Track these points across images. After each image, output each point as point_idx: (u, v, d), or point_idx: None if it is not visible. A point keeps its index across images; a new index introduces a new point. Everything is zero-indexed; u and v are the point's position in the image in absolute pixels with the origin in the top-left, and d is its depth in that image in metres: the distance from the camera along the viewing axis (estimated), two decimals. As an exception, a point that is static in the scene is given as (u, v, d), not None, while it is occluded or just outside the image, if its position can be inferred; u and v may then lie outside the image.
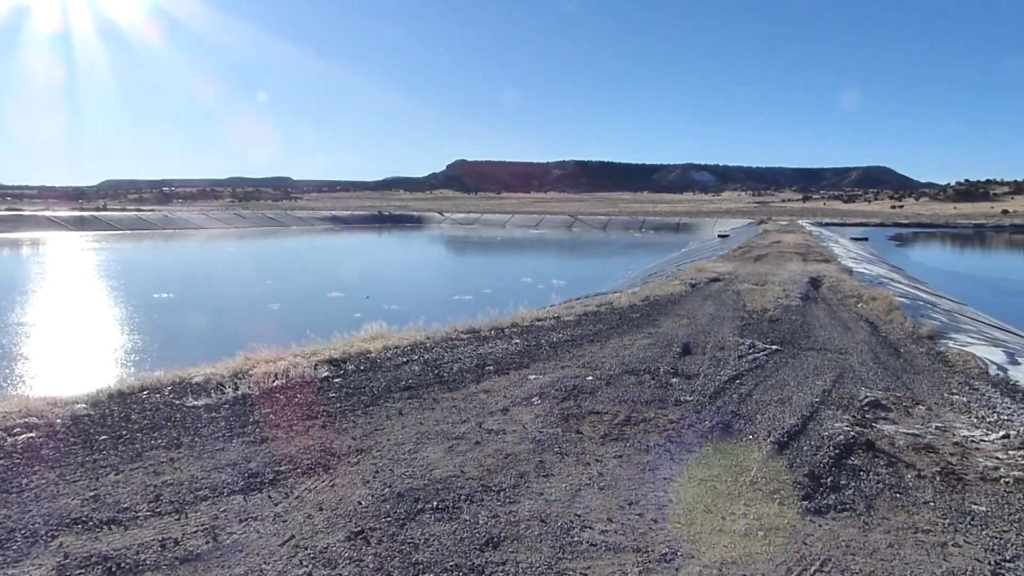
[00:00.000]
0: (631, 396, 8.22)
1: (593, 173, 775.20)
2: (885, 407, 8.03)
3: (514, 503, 5.27)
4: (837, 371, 9.70)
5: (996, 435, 6.98)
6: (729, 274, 23.74)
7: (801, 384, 8.94)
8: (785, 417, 7.44)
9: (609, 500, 5.36)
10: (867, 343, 11.86)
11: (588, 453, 6.37)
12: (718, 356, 10.46)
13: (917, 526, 5.05)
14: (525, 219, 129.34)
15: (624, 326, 13.06)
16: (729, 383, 8.89)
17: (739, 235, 67.62)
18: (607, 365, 9.76)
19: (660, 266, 39.25)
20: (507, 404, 7.85)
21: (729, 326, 13.17)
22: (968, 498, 5.55)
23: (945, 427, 7.33)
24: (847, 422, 7.32)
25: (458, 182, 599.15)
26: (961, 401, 8.47)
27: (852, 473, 6.03)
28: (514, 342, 11.36)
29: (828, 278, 22.99)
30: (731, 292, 18.64)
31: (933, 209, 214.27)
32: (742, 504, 5.35)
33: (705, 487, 5.66)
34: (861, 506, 5.39)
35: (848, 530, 4.98)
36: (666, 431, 6.99)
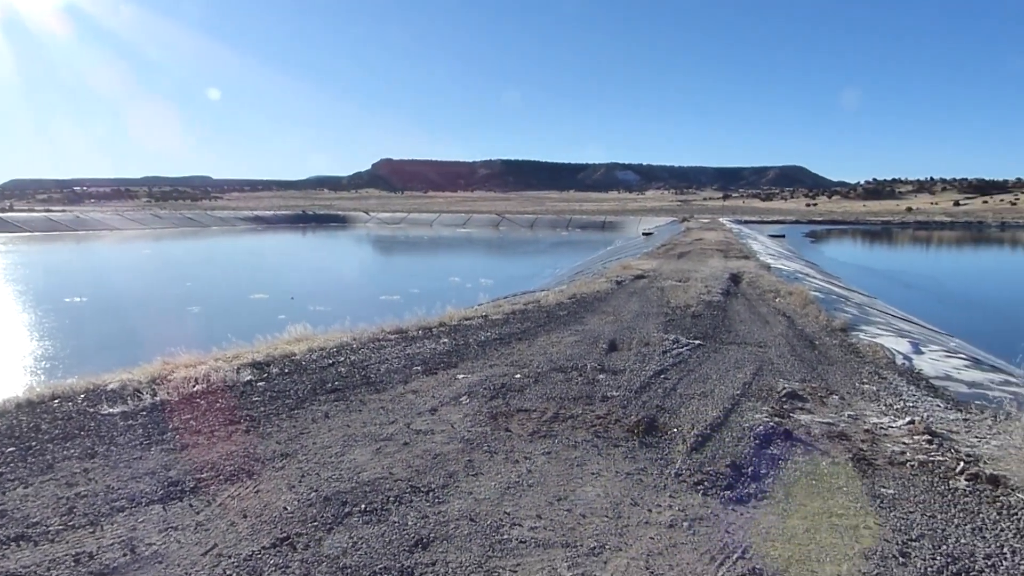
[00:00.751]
0: (559, 393, 8.28)
1: (520, 172, 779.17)
2: (802, 398, 8.32)
3: (443, 503, 5.25)
4: (757, 364, 10.00)
5: (902, 421, 7.31)
6: (653, 271, 24.19)
7: (723, 377, 9.18)
8: (708, 410, 7.62)
9: (538, 497, 5.39)
10: (784, 336, 12.27)
11: (517, 451, 6.39)
12: (643, 352, 10.65)
13: (832, 511, 5.25)
14: (452, 218, 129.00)
15: (552, 324, 13.16)
16: (654, 378, 9.05)
17: (663, 233, 69.00)
18: (535, 363, 9.81)
19: (587, 264, 39.71)
20: (435, 404, 7.81)
21: (654, 322, 13.42)
22: (878, 482, 5.80)
23: (857, 415, 7.64)
24: (766, 413, 7.55)
25: (384, 181, 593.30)
26: (871, 390, 8.84)
27: (771, 462, 6.22)
28: (442, 342, 11.31)
29: (748, 274, 23.67)
30: (655, 289, 18.99)
31: (845, 207, 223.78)
32: (667, 496, 5.46)
33: (632, 481, 5.75)
34: (780, 494, 5.57)
35: (768, 517, 5.13)
36: (593, 427, 7.08)
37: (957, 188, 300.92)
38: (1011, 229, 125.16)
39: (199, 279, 38.22)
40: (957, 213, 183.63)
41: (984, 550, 4.66)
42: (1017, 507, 5.30)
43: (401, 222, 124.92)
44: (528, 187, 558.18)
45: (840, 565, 4.43)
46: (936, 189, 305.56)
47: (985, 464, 6.06)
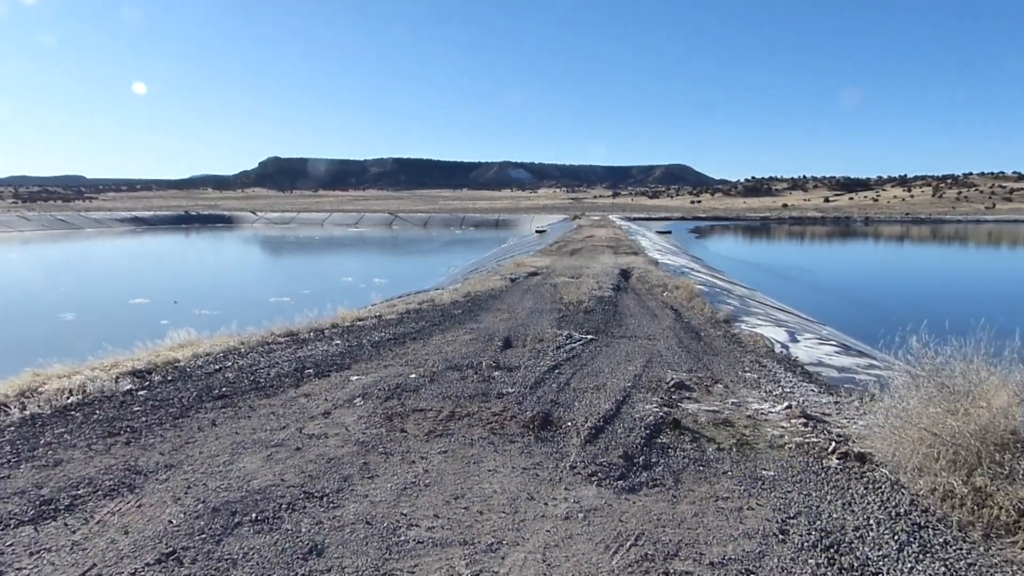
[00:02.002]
0: (455, 392, 8.29)
1: (413, 170, 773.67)
2: (689, 387, 8.65)
3: (338, 508, 5.16)
4: (647, 356, 10.32)
5: (781, 406, 7.72)
6: (547, 268, 24.54)
7: (615, 370, 9.42)
8: (601, 403, 7.80)
9: (435, 496, 5.38)
10: (672, 329, 12.70)
11: (413, 451, 6.36)
12: (537, 348, 10.79)
13: (718, 494, 5.49)
14: (344, 217, 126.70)
15: (447, 322, 13.14)
16: (548, 373, 9.19)
17: (555, 230, 70.08)
18: (430, 362, 9.78)
19: (481, 262, 39.85)
20: (329, 407, 7.66)
21: (547, 318, 13.62)
22: (759, 465, 6.11)
23: (740, 402, 8.01)
24: (656, 404, 7.80)
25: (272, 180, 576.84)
26: (752, 378, 9.29)
27: (661, 451, 6.44)
28: (335, 343, 11.10)
29: (637, 269, 24.37)
30: (549, 285, 19.28)
31: (726, 204, 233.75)
32: (563, 489, 5.56)
33: (528, 475, 5.83)
34: (670, 481, 5.78)
35: (659, 504, 5.32)
36: (489, 424, 7.12)
37: (827, 185, 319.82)
38: (874, 223, 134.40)
39: (73, 284, 35.97)
40: (827, 209, 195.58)
41: (853, 523, 4.99)
42: (881, 481, 5.70)
43: (291, 222, 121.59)
44: (421, 185, 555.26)
45: (726, 546, 4.63)
46: (809, 186, 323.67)
47: (854, 443, 6.47)
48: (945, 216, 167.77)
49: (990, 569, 4.39)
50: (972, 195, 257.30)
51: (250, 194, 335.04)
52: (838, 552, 4.57)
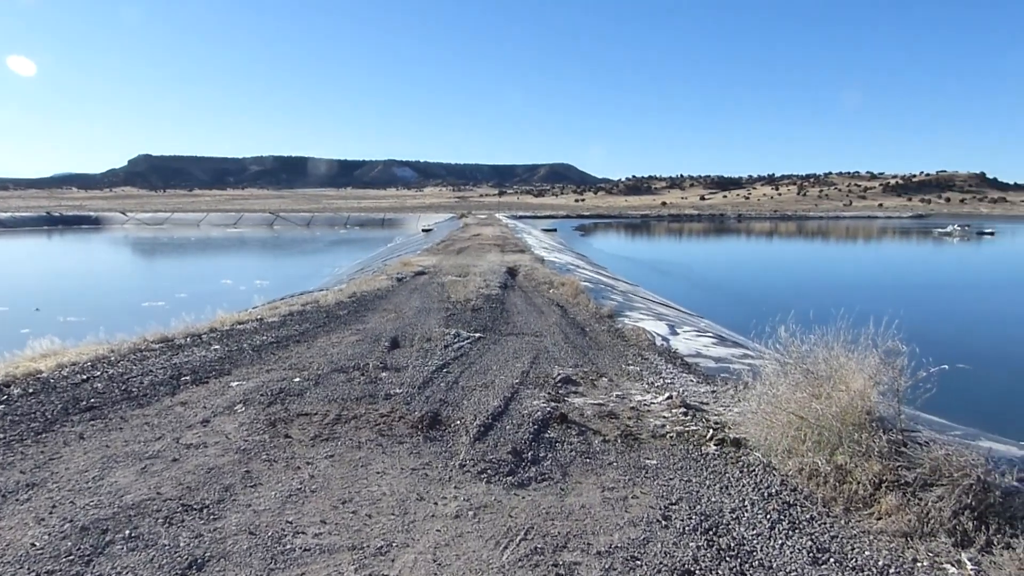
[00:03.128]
0: (341, 394, 8.14)
1: (295, 169, 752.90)
2: (575, 382, 8.83)
3: (219, 519, 4.96)
4: (534, 353, 10.46)
5: (662, 397, 8.01)
6: (434, 267, 24.47)
7: (503, 368, 9.50)
8: (489, 400, 7.85)
9: (322, 502, 5.27)
10: (559, 325, 12.93)
11: (298, 457, 6.19)
12: (425, 347, 10.74)
13: (604, 485, 5.64)
14: (222, 217, 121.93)
15: (332, 324, 12.88)
16: (437, 372, 9.17)
17: (442, 229, 69.93)
18: (315, 365, 9.56)
19: (367, 262, 39.26)
20: (208, 415, 7.35)
21: (435, 317, 13.58)
22: (643, 455, 6.31)
23: (624, 395, 8.25)
24: (543, 399, 7.93)
25: (143, 179, 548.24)
26: (635, 370, 9.59)
27: (549, 445, 6.55)
28: (213, 348, 10.67)
29: (524, 267, 24.67)
30: (436, 284, 19.22)
31: (609, 202, 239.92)
32: (453, 488, 5.56)
33: (417, 476, 5.79)
34: (558, 474, 5.88)
35: (548, 498, 5.40)
36: (377, 425, 7.03)
37: (703, 184, 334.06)
38: (746, 220, 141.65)
39: (-86, 293, 32.95)
40: (703, 207, 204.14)
41: (730, 505, 5.24)
42: (755, 464, 6.01)
43: (164, 223, 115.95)
44: (304, 184, 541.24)
45: (612, 535, 4.76)
46: (686, 185, 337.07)
47: (729, 430, 6.79)
48: (809, 213, 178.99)
49: (850, 540, 4.72)
50: (832, 193, 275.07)
51: (119, 193, 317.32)
52: (717, 534, 4.78)
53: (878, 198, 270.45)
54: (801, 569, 4.35)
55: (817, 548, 4.61)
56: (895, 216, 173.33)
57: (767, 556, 4.50)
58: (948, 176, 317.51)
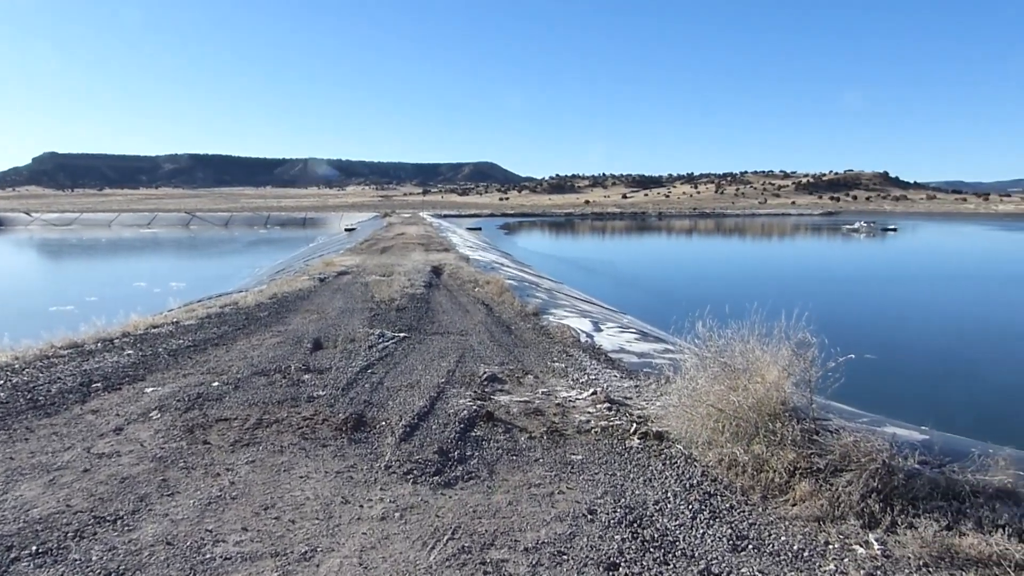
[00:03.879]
0: (262, 398, 7.95)
1: (211, 167, 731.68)
2: (501, 380, 8.86)
3: (134, 530, 4.78)
4: (459, 352, 10.44)
5: (587, 393, 8.12)
6: (357, 267, 24.16)
7: (428, 367, 9.46)
8: (415, 400, 7.80)
9: (243, 508, 5.14)
10: (484, 323, 12.95)
11: (218, 463, 6.02)
12: (349, 348, 10.60)
13: (531, 482, 5.68)
14: (134, 218, 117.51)
15: (252, 326, 12.57)
16: (361, 373, 9.06)
17: (365, 228, 69.12)
18: (235, 368, 9.31)
19: (288, 262, 38.45)
20: (121, 423, 7.07)
21: (359, 318, 13.41)
22: (568, 450, 6.39)
23: (549, 391, 8.33)
24: (469, 398, 7.93)
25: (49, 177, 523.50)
26: (561, 367, 9.68)
27: (476, 444, 6.55)
28: (126, 353, 10.26)
29: (448, 266, 24.60)
30: (359, 284, 18.98)
31: (533, 200, 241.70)
32: (378, 490, 5.50)
33: (342, 479, 5.71)
34: (484, 472, 5.89)
35: (475, 496, 5.40)
36: (300, 429, 6.90)
37: (624, 183, 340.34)
38: (667, 218, 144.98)
39: None
40: (625, 205, 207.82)
41: (653, 497, 5.35)
42: (676, 456, 6.16)
43: (72, 223, 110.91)
44: (221, 183, 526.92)
45: (539, 531, 4.80)
46: (608, 184, 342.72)
47: (652, 423, 6.94)
48: (726, 211, 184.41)
49: (767, 526, 4.88)
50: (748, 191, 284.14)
51: (23, 193, 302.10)
52: (641, 526, 4.88)
53: (791, 196, 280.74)
54: (721, 557, 4.48)
55: (737, 536, 4.76)
56: (807, 213, 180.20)
57: (689, 545, 4.62)
58: (855, 175, 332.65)
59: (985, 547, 4.39)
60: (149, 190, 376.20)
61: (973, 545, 4.42)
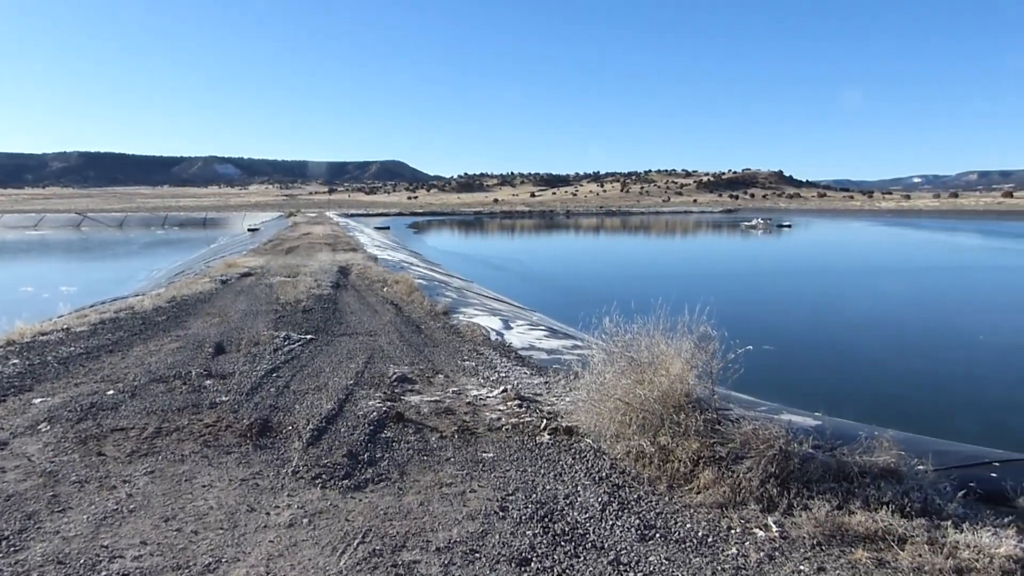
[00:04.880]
0: (161, 405, 7.63)
1: (103, 165, 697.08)
2: (411, 380, 8.80)
3: (21, 551, 4.51)
4: (368, 353, 10.31)
5: (498, 391, 8.16)
6: (261, 268, 23.51)
7: (336, 369, 9.30)
8: (323, 403, 7.66)
9: (142, 521, 4.92)
10: (393, 323, 12.83)
11: (114, 475, 5.75)
12: (253, 352, 10.31)
13: (442, 481, 5.66)
14: (20, 219, 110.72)
15: (149, 331, 12.05)
16: (266, 377, 8.82)
17: (269, 228, 67.38)
18: (131, 376, 8.91)
19: (188, 264, 37.03)
20: (6, 437, 6.65)
21: (263, 320, 13.06)
22: (480, 448, 6.40)
23: (460, 390, 8.32)
24: (379, 399, 7.84)
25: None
26: (471, 366, 9.69)
27: (386, 445, 6.49)
28: (12, 363, 9.65)
29: (356, 266, 24.25)
30: (264, 286, 18.49)
31: (442, 199, 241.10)
32: (286, 496, 5.38)
33: (247, 486, 5.55)
34: (395, 474, 5.84)
35: (385, 498, 5.35)
36: (202, 436, 6.66)
37: (532, 182, 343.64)
38: (575, 216, 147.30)
39: None
40: (534, 203, 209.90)
41: (564, 491, 5.43)
42: (586, 451, 6.27)
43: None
44: (115, 182, 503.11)
45: (451, 530, 4.79)
46: (517, 183, 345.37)
47: (562, 419, 7.04)
48: (632, 208, 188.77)
49: (673, 515, 5.03)
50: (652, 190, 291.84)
51: None
52: (552, 520, 4.94)
53: (693, 194, 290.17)
54: (630, 547, 4.59)
55: (644, 525, 4.88)
56: (708, 211, 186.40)
57: (599, 537, 4.71)
58: (752, 174, 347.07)
59: (872, 524, 4.66)
60: (36, 189, 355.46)
61: (861, 522, 4.68)
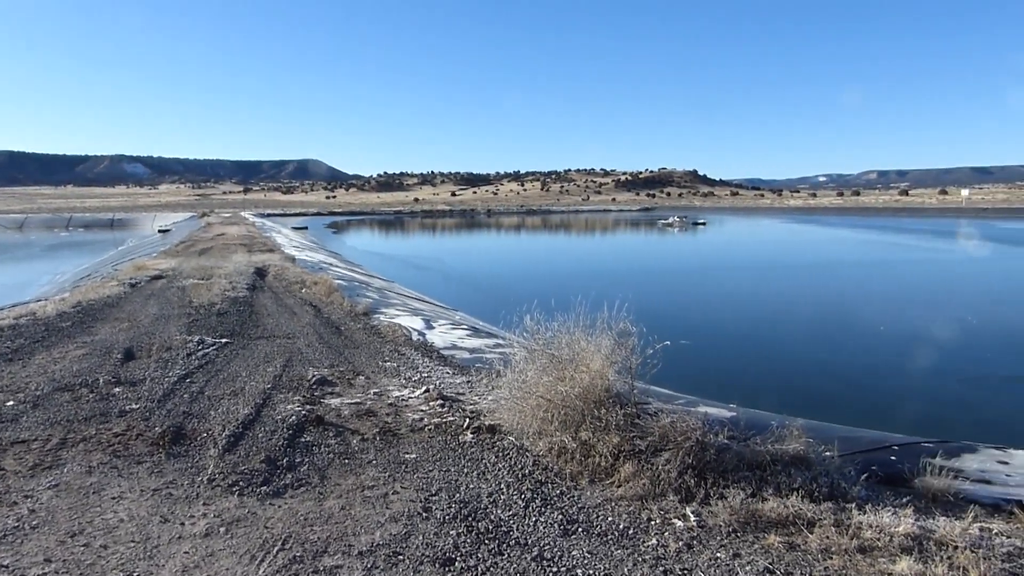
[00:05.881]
0: (66, 415, 7.29)
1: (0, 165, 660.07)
2: (331, 383, 8.66)
3: (-89, 574, 4.24)
4: (287, 356, 10.10)
5: (420, 391, 8.11)
6: (173, 270, 22.73)
7: (253, 373, 9.07)
8: (239, 408, 7.46)
9: (46, 538, 4.69)
10: (312, 325, 12.59)
11: (14, 490, 5.46)
12: (165, 357, 9.95)
13: (364, 484, 5.59)
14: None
15: (53, 338, 11.47)
16: (179, 383, 8.53)
17: (181, 229, 65.18)
18: (33, 385, 8.47)
19: (95, 267, 35.42)
20: None
21: (176, 324, 12.62)
22: (402, 450, 6.36)
23: (381, 392, 8.24)
24: (298, 403, 7.68)
25: None
26: (393, 367, 9.60)
27: (306, 450, 6.37)
28: (-103, 375, 9.06)
29: (273, 267, 23.71)
30: (176, 289, 17.87)
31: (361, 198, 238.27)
32: (201, 505, 5.22)
33: (160, 497, 5.36)
34: (316, 478, 5.74)
35: (306, 504, 5.25)
36: (111, 446, 6.40)
37: (453, 181, 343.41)
38: (496, 215, 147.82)
39: None
40: (455, 202, 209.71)
41: (487, 490, 5.44)
42: (509, 448, 6.30)
43: None
44: (13, 182, 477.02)
45: (374, 533, 4.74)
46: (437, 182, 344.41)
47: (485, 417, 7.05)
48: (552, 207, 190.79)
49: (595, 509, 5.11)
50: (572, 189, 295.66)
51: None
52: (476, 519, 4.94)
53: (612, 193, 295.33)
54: (553, 542, 4.64)
55: (567, 520, 4.94)
56: (626, 209, 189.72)
57: (523, 534, 4.74)
58: (668, 173, 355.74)
59: (783, 509, 4.84)
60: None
61: (773, 508, 4.86)
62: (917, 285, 32.94)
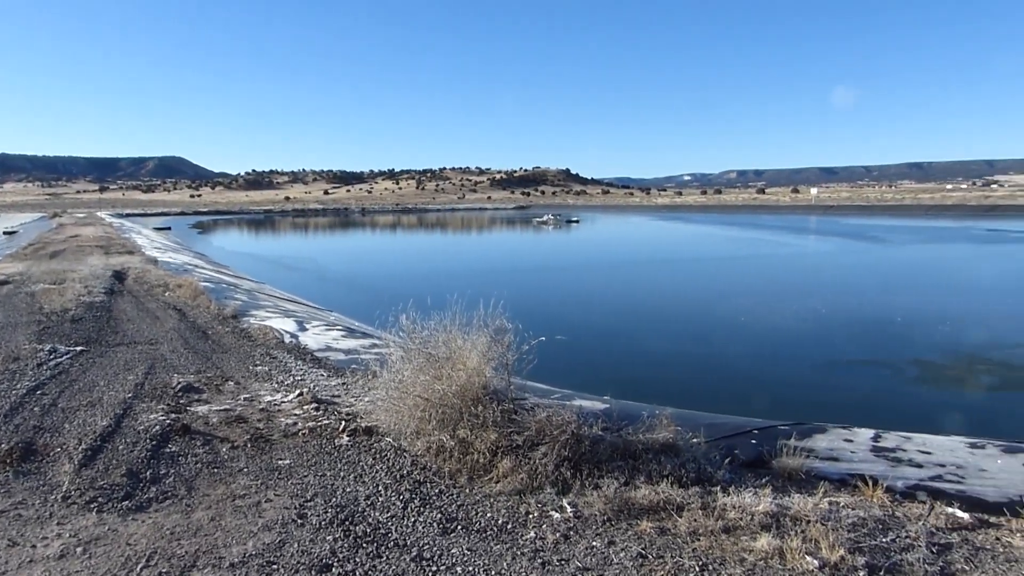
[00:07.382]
0: None
1: None
2: (198, 389, 8.29)
3: None
4: (149, 362, 9.59)
5: (293, 395, 7.90)
6: (20, 275, 21.07)
7: (112, 382, 8.55)
8: (97, 420, 7.03)
9: None
10: (177, 330, 12.00)
11: None
12: (13, 368, 9.23)
13: (235, 493, 5.40)
14: None
15: None
16: (29, 396, 7.94)
17: (30, 231, 60.45)
18: None
19: (-75, 273, 32.30)
20: None
21: (24, 332, 11.72)
22: (275, 456, 6.17)
23: (252, 397, 7.97)
24: (162, 411, 7.32)
25: None
26: (264, 371, 9.30)
27: (171, 461, 6.07)
28: None
29: (133, 270, 22.43)
30: (24, 294, 16.58)
31: (228, 197, 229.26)
32: (55, 525, 4.88)
33: (8, 519, 4.97)
34: (183, 490, 5.49)
35: (172, 517, 5.01)
36: (-51, 468, 5.87)
37: (326, 179, 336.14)
38: (370, 214, 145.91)
39: None
40: (327, 201, 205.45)
41: (365, 492, 5.38)
42: (386, 449, 6.25)
43: None
44: None
45: (246, 544, 4.58)
46: (309, 180, 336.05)
47: (362, 419, 6.95)
48: (428, 205, 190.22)
49: (474, 506, 5.16)
50: (448, 187, 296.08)
51: None
52: (353, 523, 4.88)
53: (487, 191, 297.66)
54: (433, 541, 4.64)
55: (446, 519, 4.96)
56: (502, 207, 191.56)
57: (401, 535, 4.71)
58: (542, 172, 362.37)
59: (654, 496, 5.06)
60: None
61: (645, 496, 5.06)
62: (773, 278, 35.02)
